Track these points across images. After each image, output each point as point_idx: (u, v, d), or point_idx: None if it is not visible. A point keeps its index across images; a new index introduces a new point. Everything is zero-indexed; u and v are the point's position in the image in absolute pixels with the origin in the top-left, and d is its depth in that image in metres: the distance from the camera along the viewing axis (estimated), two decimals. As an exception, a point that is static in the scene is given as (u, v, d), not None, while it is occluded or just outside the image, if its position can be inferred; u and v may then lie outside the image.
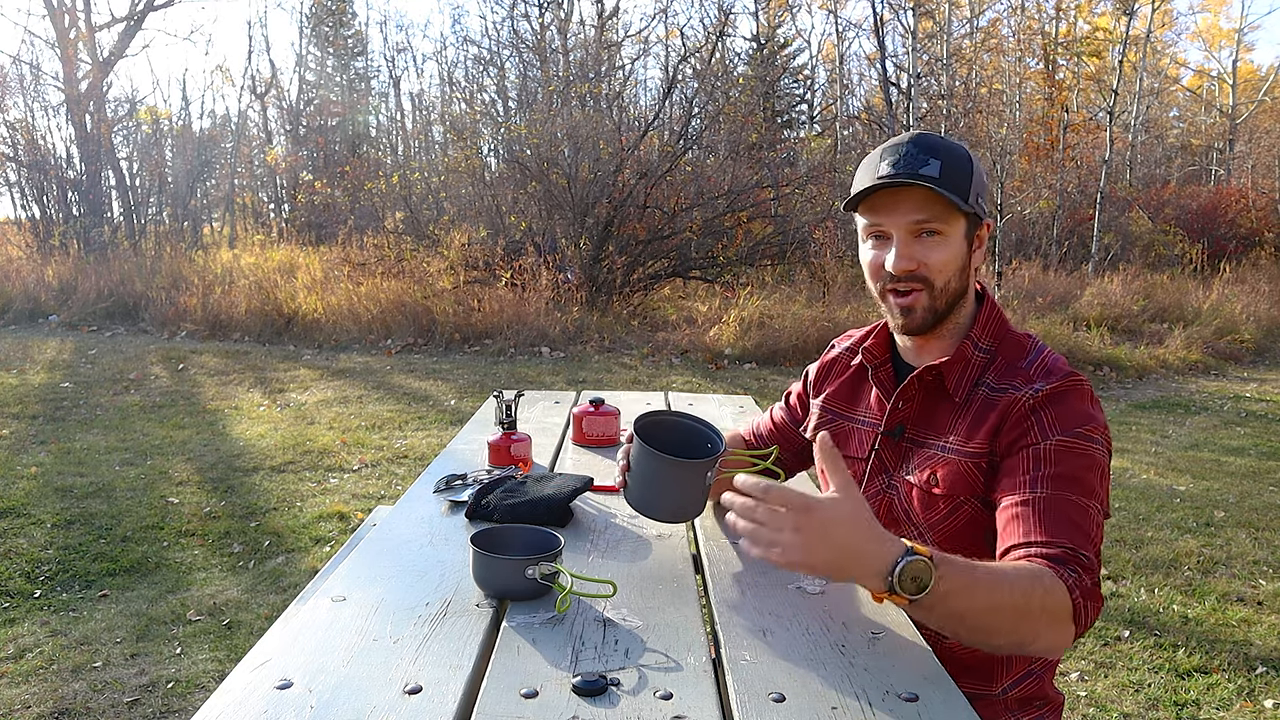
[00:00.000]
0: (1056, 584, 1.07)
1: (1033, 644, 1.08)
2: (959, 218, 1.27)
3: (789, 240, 11.10)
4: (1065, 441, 1.19)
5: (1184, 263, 12.81)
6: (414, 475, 4.51)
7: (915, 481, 1.32)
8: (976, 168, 1.28)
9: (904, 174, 1.24)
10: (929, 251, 1.27)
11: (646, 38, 22.02)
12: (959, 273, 1.29)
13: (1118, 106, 14.80)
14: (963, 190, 1.25)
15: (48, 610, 3.08)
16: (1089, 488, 1.17)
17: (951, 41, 15.25)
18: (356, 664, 0.98)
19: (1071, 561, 1.10)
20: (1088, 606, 1.08)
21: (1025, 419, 1.22)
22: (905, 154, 1.25)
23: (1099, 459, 1.20)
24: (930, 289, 1.28)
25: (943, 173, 1.24)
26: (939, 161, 1.24)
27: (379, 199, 12.19)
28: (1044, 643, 1.08)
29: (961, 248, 1.28)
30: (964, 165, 1.26)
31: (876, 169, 1.27)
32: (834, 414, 1.49)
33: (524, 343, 8.37)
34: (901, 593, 0.99)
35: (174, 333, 9.29)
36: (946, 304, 1.30)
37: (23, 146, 14.18)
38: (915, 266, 1.27)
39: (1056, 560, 1.10)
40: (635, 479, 1.34)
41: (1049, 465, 1.18)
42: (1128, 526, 4.02)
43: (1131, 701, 2.61)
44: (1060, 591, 1.06)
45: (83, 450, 4.97)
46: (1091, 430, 1.20)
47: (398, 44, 38.96)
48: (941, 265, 1.27)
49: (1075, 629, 1.07)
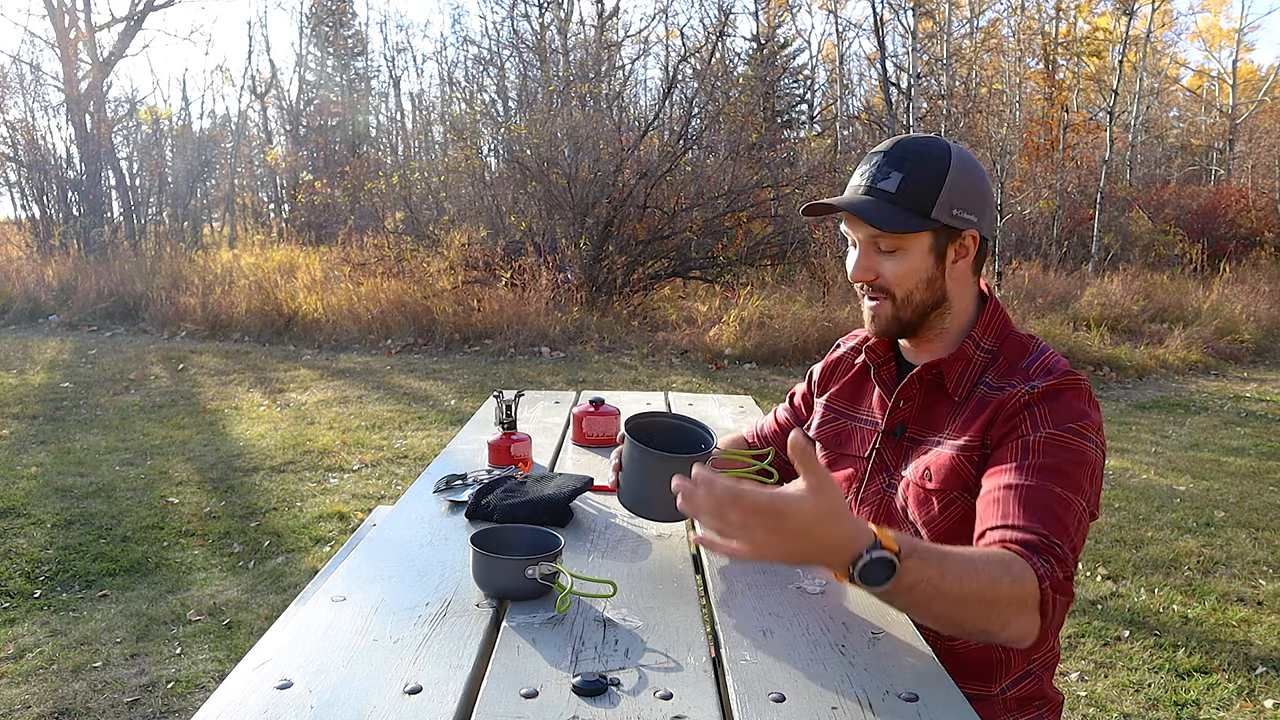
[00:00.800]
0: (1026, 572, 1.06)
1: (1000, 633, 1.07)
2: (920, 233, 1.27)
3: (789, 240, 11.11)
4: (1056, 435, 1.18)
5: (1184, 263, 12.81)
6: (414, 475, 4.51)
7: (912, 479, 1.33)
8: (954, 177, 1.26)
9: (865, 187, 1.28)
10: (885, 263, 1.29)
11: (646, 38, 22.07)
12: (924, 284, 1.29)
13: (1118, 106, 14.80)
14: (923, 203, 1.25)
15: (48, 610, 3.08)
16: (1075, 483, 1.16)
17: (951, 41, 15.25)
18: (356, 664, 0.98)
19: (1045, 551, 1.09)
20: (1056, 600, 1.07)
21: (1018, 413, 1.22)
22: (875, 165, 1.29)
23: (1090, 457, 1.19)
24: (892, 299, 1.30)
25: (901, 187, 1.25)
26: (901, 175, 1.25)
27: (379, 199, 12.19)
28: (1010, 632, 1.07)
29: (924, 261, 1.28)
30: (933, 176, 1.25)
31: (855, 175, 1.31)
32: (836, 413, 1.49)
33: (524, 343, 8.37)
34: (863, 585, 0.99)
35: (174, 333, 9.30)
36: (913, 314, 1.31)
37: (23, 146, 14.18)
38: (873, 277, 1.30)
39: (1030, 546, 1.09)
40: (627, 478, 1.35)
41: (1037, 455, 1.18)
42: (1128, 526, 4.02)
43: (1131, 701, 2.61)
44: (1029, 580, 1.06)
45: (83, 450, 4.97)
46: (1085, 428, 1.19)
47: (398, 44, 39.04)
48: (898, 278, 1.29)
49: (1040, 619, 1.06)
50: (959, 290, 1.33)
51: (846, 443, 1.46)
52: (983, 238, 1.31)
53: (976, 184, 1.29)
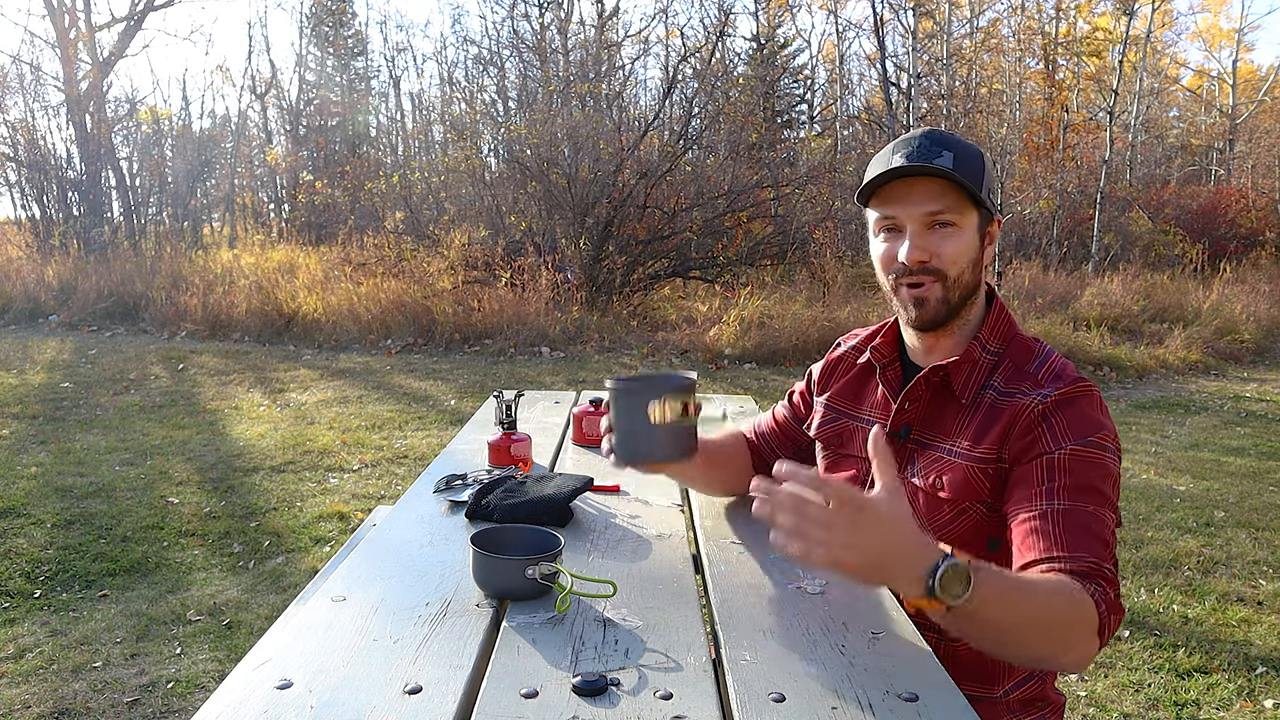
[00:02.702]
0: (1084, 597, 1.06)
1: (1063, 656, 1.07)
2: (972, 210, 1.27)
3: (789, 240, 11.11)
4: (1079, 451, 1.17)
5: (1184, 263, 12.81)
6: (414, 475, 4.51)
7: (920, 485, 1.31)
8: (988, 165, 1.29)
9: (918, 164, 1.23)
10: (942, 243, 1.26)
11: (646, 38, 22.04)
12: (971, 266, 1.28)
13: (1118, 106, 14.80)
14: (977, 182, 1.25)
15: (48, 610, 3.08)
16: (1104, 497, 1.16)
17: (951, 41, 15.24)
18: (356, 664, 0.98)
19: (1095, 575, 1.09)
20: (1111, 620, 1.07)
21: (1035, 425, 1.21)
22: (919, 146, 1.25)
23: (1111, 468, 1.18)
24: (944, 281, 1.27)
25: (956, 164, 1.24)
26: (952, 154, 1.24)
27: (379, 199, 12.20)
28: (1072, 656, 1.07)
29: (974, 240, 1.28)
30: (977, 160, 1.26)
31: (889, 161, 1.26)
32: (838, 412, 1.48)
33: (524, 343, 8.37)
34: (942, 597, 0.94)
35: (174, 333, 9.30)
36: (960, 297, 1.29)
37: (23, 146, 14.19)
38: (928, 258, 1.26)
39: (1081, 575, 1.09)
40: (618, 432, 1.30)
41: (1064, 475, 1.17)
42: (1128, 526, 4.02)
43: (1131, 701, 2.61)
44: (1088, 605, 1.05)
45: (83, 450, 4.97)
46: (1103, 439, 1.19)
47: (398, 44, 39.06)
48: (955, 257, 1.26)
49: (1099, 642, 1.07)
50: (983, 280, 1.34)
51: (849, 443, 1.45)
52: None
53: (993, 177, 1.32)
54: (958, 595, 0.94)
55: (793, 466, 0.97)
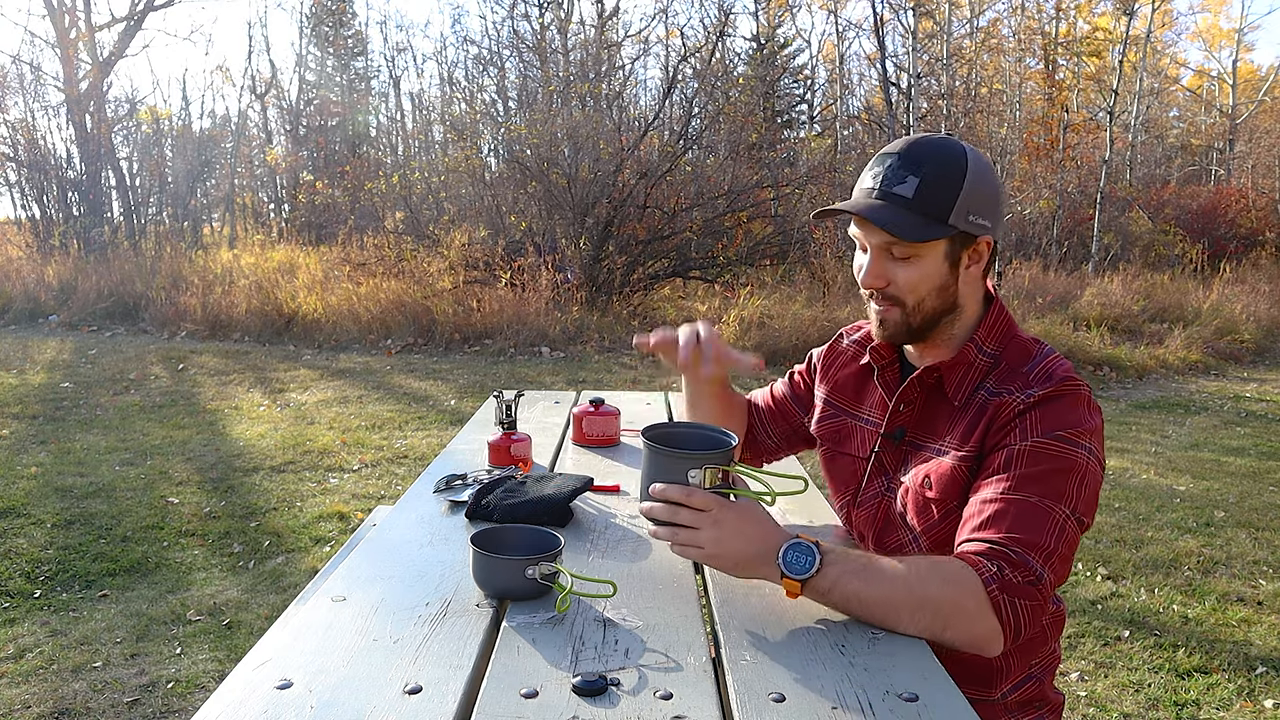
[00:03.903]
0: (965, 574, 1.08)
1: (943, 633, 1.07)
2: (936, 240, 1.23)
3: (789, 240, 11.11)
4: (1041, 444, 1.17)
5: (1184, 263, 12.81)
6: (414, 475, 4.51)
7: (910, 485, 1.32)
8: (972, 181, 1.21)
9: (879, 191, 1.22)
10: (898, 270, 1.24)
11: (646, 38, 22.04)
12: (936, 291, 1.25)
13: (1118, 106, 14.80)
14: (940, 209, 1.20)
15: (48, 610, 3.08)
16: (1055, 490, 1.14)
17: (951, 41, 15.24)
18: (356, 664, 0.98)
19: (998, 556, 1.10)
20: (1016, 603, 1.07)
21: (1010, 422, 1.20)
22: (888, 167, 1.22)
23: (1079, 463, 1.16)
24: (902, 307, 1.26)
25: (918, 192, 1.19)
26: (918, 179, 1.19)
27: (379, 199, 12.20)
28: (955, 633, 1.07)
29: (938, 267, 1.24)
30: (951, 180, 1.20)
31: (870, 175, 1.25)
32: (838, 409, 1.49)
33: (524, 343, 8.37)
34: (786, 571, 1.08)
35: (174, 333, 9.30)
36: (923, 321, 1.27)
37: (23, 146, 14.19)
38: (884, 284, 1.26)
39: (981, 554, 1.10)
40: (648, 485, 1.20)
41: (1019, 466, 1.17)
42: (1128, 526, 4.02)
43: (1131, 701, 2.61)
44: (969, 583, 1.07)
45: (83, 450, 4.97)
46: (1075, 435, 1.17)
47: (398, 44, 39.12)
48: (911, 285, 1.25)
49: (999, 622, 1.06)
50: (970, 296, 1.29)
51: (846, 441, 1.45)
52: (994, 242, 1.28)
53: (991, 189, 1.24)
54: (804, 570, 1.08)
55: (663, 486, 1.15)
